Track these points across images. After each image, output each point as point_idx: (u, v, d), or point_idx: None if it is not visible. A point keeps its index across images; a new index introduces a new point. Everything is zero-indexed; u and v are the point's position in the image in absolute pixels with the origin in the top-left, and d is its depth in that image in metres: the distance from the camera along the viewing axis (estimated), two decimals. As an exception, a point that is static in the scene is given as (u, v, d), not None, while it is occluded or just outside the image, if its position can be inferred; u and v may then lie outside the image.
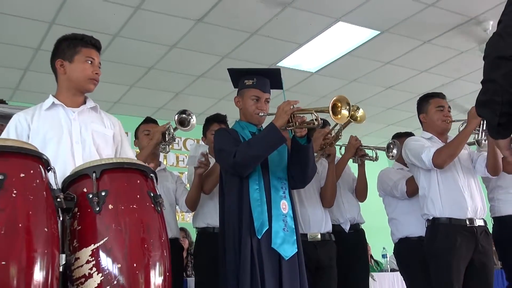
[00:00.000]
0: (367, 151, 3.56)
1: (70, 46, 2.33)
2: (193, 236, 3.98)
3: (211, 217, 3.32)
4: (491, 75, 1.52)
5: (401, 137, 3.71)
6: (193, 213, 3.48)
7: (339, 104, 2.54)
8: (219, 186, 2.79)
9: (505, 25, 1.50)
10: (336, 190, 3.35)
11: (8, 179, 1.52)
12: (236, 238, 2.52)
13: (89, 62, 2.31)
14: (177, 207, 3.60)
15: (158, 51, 5.54)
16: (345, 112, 2.55)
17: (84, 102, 2.39)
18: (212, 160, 3.20)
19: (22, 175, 1.57)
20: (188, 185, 3.55)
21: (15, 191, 1.52)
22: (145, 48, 5.43)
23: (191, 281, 3.63)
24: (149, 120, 3.64)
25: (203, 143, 3.63)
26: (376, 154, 3.53)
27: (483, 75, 1.57)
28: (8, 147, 1.58)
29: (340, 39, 5.45)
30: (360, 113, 3.27)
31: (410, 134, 3.68)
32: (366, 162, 3.56)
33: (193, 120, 3.38)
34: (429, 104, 3.33)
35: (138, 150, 3.62)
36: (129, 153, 2.52)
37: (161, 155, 3.92)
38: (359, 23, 5.12)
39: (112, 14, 4.74)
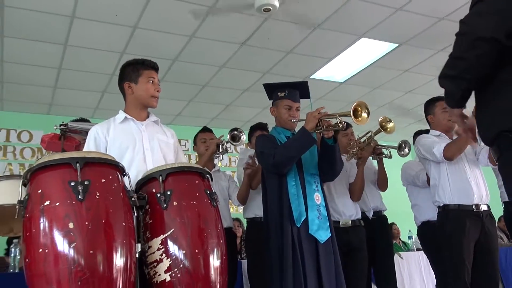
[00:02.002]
0: (384, 150, 3.51)
1: (134, 70, 2.34)
2: (245, 225, 4.00)
3: (258, 208, 3.31)
4: (464, 54, 1.40)
5: (420, 133, 3.63)
6: (244, 206, 3.51)
7: (359, 109, 2.52)
8: (262, 184, 2.80)
9: (487, 5, 1.38)
10: (364, 187, 3.32)
11: (92, 184, 1.57)
12: (278, 227, 2.52)
13: (151, 81, 2.32)
14: (230, 201, 3.63)
15: (210, 71, 5.61)
16: (364, 115, 2.52)
17: (148, 116, 2.41)
18: (258, 162, 3.22)
19: (103, 180, 1.62)
20: (238, 183, 3.58)
21: (98, 194, 1.57)
22: (199, 69, 5.51)
23: (244, 263, 3.65)
24: (205, 129, 3.67)
25: (249, 148, 3.66)
26: (390, 152, 3.48)
27: (453, 51, 1.46)
28: (92, 158, 1.64)
29: (364, 52, 5.38)
30: (390, 125, 3.17)
31: (428, 132, 3.61)
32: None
33: (243, 136, 3.41)
34: (435, 106, 3.25)
35: (196, 154, 3.68)
36: (183, 159, 2.54)
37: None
38: (380, 38, 5.05)
39: (171, 42, 4.84)
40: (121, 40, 4.74)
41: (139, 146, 2.26)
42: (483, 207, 2.94)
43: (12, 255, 3.43)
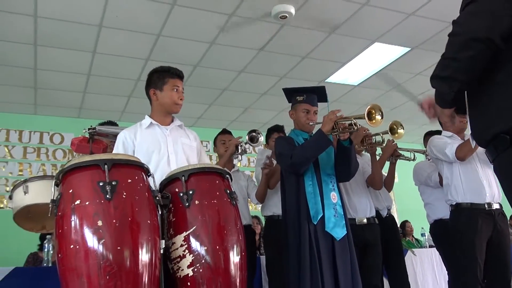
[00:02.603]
0: (404, 153, 3.46)
1: (160, 77, 2.35)
2: (264, 223, 4.00)
3: (276, 207, 3.32)
4: (457, 54, 1.32)
5: (432, 134, 3.58)
6: (262, 204, 3.51)
7: (373, 111, 2.50)
8: (280, 183, 2.80)
9: (480, 6, 1.29)
10: (382, 175, 3.28)
11: (120, 184, 1.59)
12: (296, 224, 2.52)
13: (175, 90, 2.33)
14: (249, 199, 3.63)
15: (230, 76, 5.62)
16: (378, 117, 2.50)
17: (172, 121, 2.42)
18: (275, 162, 3.22)
19: (129, 180, 1.64)
20: (256, 182, 3.58)
21: (125, 193, 1.59)
22: (219, 74, 5.52)
23: (263, 258, 3.65)
24: (224, 131, 3.69)
25: (267, 149, 3.65)
26: (414, 155, 3.42)
27: (446, 51, 1.38)
28: (119, 159, 1.66)
29: (377, 56, 5.33)
30: (400, 130, 3.10)
31: (440, 132, 3.56)
32: None
33: (261, 138, 3.40)
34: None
35: (217, 154, 3.69)
36: (206, 160, 2.55)
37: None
38: (392, 42, 4.99)
39: (193, 49, 4.87)
40: (146, 48, 4.79)
41: (164, 150, 2.28)
42: (495, 206, 2.88)
43: (46, 250, 3.49)
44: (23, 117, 6.25)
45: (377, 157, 3.32)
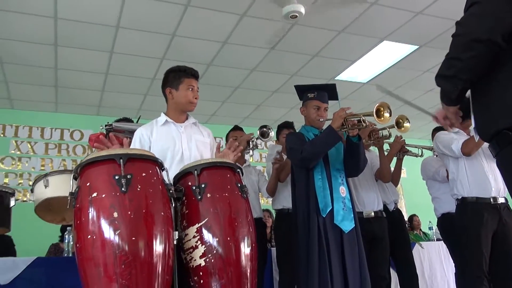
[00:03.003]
0: (412, 149, 3.42)
1: (175, 77, 2.35)
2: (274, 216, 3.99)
3: (286, 200, 3.33)
4: (461, 54, 1.35)
5: (440, 130, 3.54)
6: (272, 198, 3.51)
7: (382, 109, 2.49)
8: (291, 177, 2.80)
9: (483, 7, 1.31)
10: (390, 169, 3.26)
11: (134, 177, 1.61)
12: (306, 217, 2.52)
13: (190, 89, 2.33)
14: (260, 193, 3.63)
15: (242, 74, 5.62)
16: (386, 114, 2.49)
17: (187, 118, 2.43)
18: (285, 157, 3.22)
19: (143, 174, 1.65)
20: (267, 177, 3.58)
21: (139, 186, 1.61)
22: (232, 72, 5.53)
23: (274, 250, 3.65)
24: (236, 128, 3.70)
25: (276, 144, 3.65)
26: (422, 151, 3.39)
27: (450, 51, 1.40)
28: (134, 154, 1.67)
29: (385, 54, 5.28)
30: (406, 124, 3.01)
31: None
32: None
33: (272, 133, 3.39)
34: None
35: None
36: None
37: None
38: (400, 40, 4.94)
39: (206, 48, 4.88)
40: (161, 47, 4.81)
41: (179, 146, 2.30)
42: (501, 200, 2.85)
43: (66, 241, 3.53)
44: (45, 114, 6.34)
45: (385, 153, 3.30)
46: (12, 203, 2.21)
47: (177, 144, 2.30)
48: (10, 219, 2.23)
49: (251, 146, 3.23)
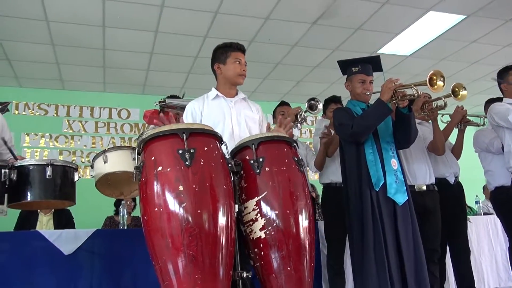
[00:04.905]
0: (474, 118, 3.27)
1: (223, 52, 2.36)
2: (319, 190, 3.94)
3: (333, 174, 3.28)
4: None
5: (493, 101, 3.37)
6: (320, 172, 3.46)
7: (435, 77, 2.39)
8: (339, 153, 2.74)
9: None
10: (444, 140, 3.14)
11: (197, 152, 1.61)
12: (357, 191, 2.47)
13: (237, 62, 2.33)
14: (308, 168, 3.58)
15: (283, 51, 5.53)
16: (440, 83, 2.38)
17: (237, 94, 2.42)
18: (332, 131, 3.15)
19: (205, 148, 1.65)
20: (314, 151, 3.53)
21: (202, 160, 1.61)
22: (273, 48, 5.44)
23: (320, 224, 3.61)
24: (283, 103, 3.63)
25: (324, 119, 3.58)
26: (484, 120, 3.23)
27: None
28: (195, 129, 1.68)
29: (431, 26, 5.04)
30: (463, 92, 2.83)
31: (500, 100, 3.34)
32: None
33: (320, 105, 3.31)
34: (509, 75, 3.00)
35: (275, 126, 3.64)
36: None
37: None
38: (448, 10, 4.70)
39: (248, 25, 4.81)
40: (204, 25, 4.78)
41: (228, 121, 2.30)
42: None
43: (121, 214, 3.64)
44: (93, 94, 6.48)
45: (444, 125, 3.16)
46: (76, 177, 2.26)
47: (227, 118, 2.31)
48: (75, 193, 2.29)
49: (299, 120, 3.18)
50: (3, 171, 2.06)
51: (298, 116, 3.20)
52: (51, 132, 6.22)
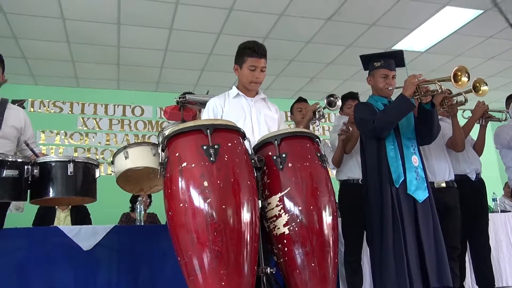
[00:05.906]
0: (495, 114, 3.21)
1: (242, 55, 2.32)
2: (335, 187, 3.90)
3: (351, 171, 3.25)
4: None
5: None
6: (337, 169, 3.44)
7: (459, 73, 2.36)
8: (360, 148, 2.72)
9: None
10: (463, 137, 3.10)
11: (221, 147, 1.61)
12: (378, 187, 2.45)
13: (252, 69, 2.30)
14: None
15: (297, 47, 5.49)
16: (464, 79, 2.35)
17: (257, 93, 2.44)
18: (350, 128, 3.12)
19: (229, 144, 1.65)
20: (331, 148, 3.50)
21: (226, 156, 1.61)
22: (287, 45, 5.41)
23: (338, 220, 3.58)
24: (300, 100, 3.61)
25: (342, 115, 3.55)
26: (506, 115, 3.18)
27: None
28: (219, 124, 1.68)
29: (447, 21, 4.97)
30: (484, 87, 2.78)
31: None
32: None
33: (339, 102, 3.28)
34: None
35: (293, 122, 3.64)
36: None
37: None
38: (464, 5, 4.63)
39: (262, 22, 4.79)
40: (218, 22, 4.77)
41: (248, 119, 2.31)
42: None
43: (138, 211, 3.64)
44: (108, 92, 6.50)
45: (465, 121, 3.12)
46: (97, 174, 2.28)
47: (247, 117, 2.32)
48: (96, 190, 2.31)
49: (317, 116, 3.16)
50: (25, 167, 2.07)
51: (316, 113, 3.17)
52: (66, 130, 6.26)
